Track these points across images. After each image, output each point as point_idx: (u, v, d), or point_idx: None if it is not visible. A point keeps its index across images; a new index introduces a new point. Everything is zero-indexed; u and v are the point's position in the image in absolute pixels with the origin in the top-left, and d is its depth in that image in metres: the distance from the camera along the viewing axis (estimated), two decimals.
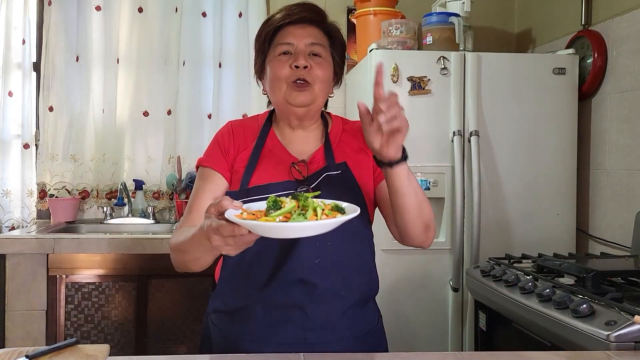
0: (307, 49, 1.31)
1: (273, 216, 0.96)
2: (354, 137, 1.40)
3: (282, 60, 1.31)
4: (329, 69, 1.35)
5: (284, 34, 1.33)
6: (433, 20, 2.54)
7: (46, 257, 2.34)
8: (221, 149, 1.35)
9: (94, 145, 2.94)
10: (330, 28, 1.38)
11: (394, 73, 2.35)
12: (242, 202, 1.01)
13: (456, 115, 2.37)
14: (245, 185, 1.28)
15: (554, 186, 2.44)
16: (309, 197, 1.01)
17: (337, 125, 1.42)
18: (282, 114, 1.36)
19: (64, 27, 2.90)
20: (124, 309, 2.43)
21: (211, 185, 1.32)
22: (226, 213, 0.97)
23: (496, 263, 1.89)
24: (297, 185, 1.28)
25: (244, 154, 1.34)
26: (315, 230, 0.96)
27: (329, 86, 1.37)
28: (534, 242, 2.39)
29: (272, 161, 1.32)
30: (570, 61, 2.44)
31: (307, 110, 1.32)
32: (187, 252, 1.17)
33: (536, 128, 2.42)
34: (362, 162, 1.36)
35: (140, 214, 2.91)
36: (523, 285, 1.56)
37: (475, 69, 2.38)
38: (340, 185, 1.29)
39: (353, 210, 1.01)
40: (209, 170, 1.34)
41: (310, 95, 1.30)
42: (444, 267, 2.38)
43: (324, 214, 0.98)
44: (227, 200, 0.98)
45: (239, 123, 1.42)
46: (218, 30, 3.01)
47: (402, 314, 2.35)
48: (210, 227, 0.98)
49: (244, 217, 0.97)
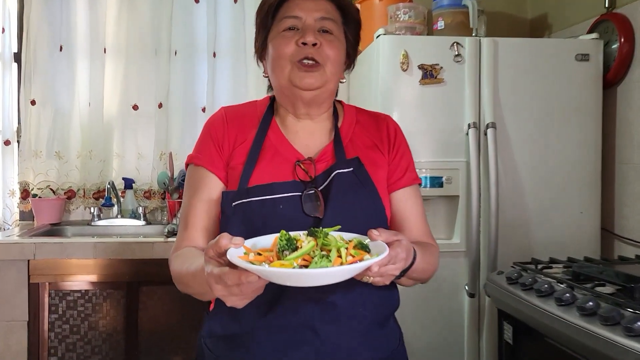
0: (317, 24, 1.13)
1: (290, 259, 0.82)
2: (368, 132, 1.22)
3: (287, 37, 1.12)
4: (342, 48, 1.16)
5: (290, 6, 1.14)
6: (445, 4, 2.36)
7: (27, 263, 2.16)
8: (214, 143, 1.16)
9: (80, 141, 2.76)
10: (343, 2, 1.18)
11: (404, 61, 2.16)
12: (242, 239, 0.85)
13: (471, 106, 2.19)
14: (245, 185, 1.10)
15: (577, 182, 2.25)
16: (328, 233, 0.88)
17: (350, 117, 1.23)
18: (286, 100, 1.17)
19: (47, 14, 2.72)
20: (112, 318, 2.24)
21: (205, 190, 1.14)
22: (228, 254, 0.81)
23: (522, 269, 1.71)
24: (304, 187, 1.09)
25: (242, 147, 1.15)
26: (343, 277, 0.83)
27: (341, 69, 1.18)
28: (556, 243, 2.21)
29: (274, 158, 1.14)
30: (594, 46, 2.25)
31: (315, 95, 1.13)
32: (190, 287, 1.03)
33: (557, 120, 2.23)
34: (377, 161, 1.18)
35: (131, 214, 2.72)
36: (559, 296, 1.38)
37: (491, 56, 2.20)
38: (354, 185, 1.11)
39: (380, 248, 0.87)
40: (201, 170, 1.15)
41: (320, 77, 1.11)
42: (458, 271, 2.20)
43: (348, 254, 0.85)
44: (225, 239, 0.83)
45: (234, 110, 1.22)
46: (212, 17, 2.83)
47: (413, 322, 2.17)
48: (211, 276, 0.83)
49: (250, 260, 0.82)
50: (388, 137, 1.22)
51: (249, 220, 1.06)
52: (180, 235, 1.14)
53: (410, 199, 1.20)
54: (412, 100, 2.17)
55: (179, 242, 1.14)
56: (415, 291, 2.15)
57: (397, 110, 2.16)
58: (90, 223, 2.67)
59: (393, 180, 1.19)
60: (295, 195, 1.08)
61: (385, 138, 1.22)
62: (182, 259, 1.06)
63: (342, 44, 1.16)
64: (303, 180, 1.10)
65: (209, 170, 1.14)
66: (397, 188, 1.19)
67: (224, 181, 1.14)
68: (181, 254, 1.09)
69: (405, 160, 1.22)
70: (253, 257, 0.84)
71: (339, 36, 1.16)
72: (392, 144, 1.21)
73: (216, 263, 0.84)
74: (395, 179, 1.19)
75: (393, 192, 1.19)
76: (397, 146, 1.22)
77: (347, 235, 0.92)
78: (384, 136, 1.22)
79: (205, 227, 1.13)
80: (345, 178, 1.11)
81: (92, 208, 2.69)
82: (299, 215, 1.06)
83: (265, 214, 1.06)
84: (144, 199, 2.80)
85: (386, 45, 2.18)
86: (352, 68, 1.26)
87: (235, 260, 0.81)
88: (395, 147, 1.21)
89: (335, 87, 1.19)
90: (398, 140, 1.23)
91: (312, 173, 1.12)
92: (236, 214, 1.07)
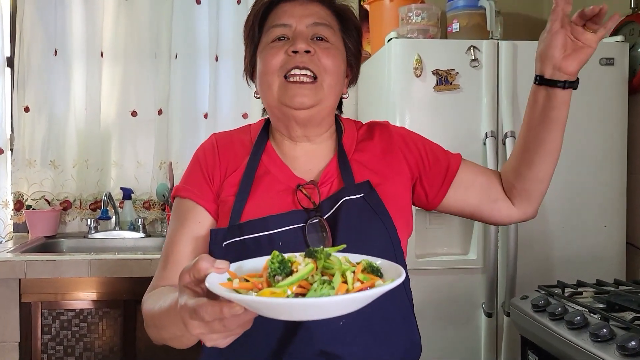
0: (310, 30, 0.99)
1: (282, 286, 0.65)
2: (376, 138, 1.07)
3: (275, 47, 0.98)
4: (340, 57, 1.02)
5: (277, 13, 1.01)
6: (460, 5, 2.22)
7: (18, 281, 2.04)
8: (204, 174, 1.02)
9: (76, 149, 2.64)
10: (340, 7, 1.04)
11: (417, 66, 2.03)
12: (228, 263, 0.69)
13: (489, 113, 2.05)
14: (237, 220, 0.95)
15: (601, 194, 2.12)
16: (331, 253, 0.70)
17: (351, 130, 1.09)
18: (279, 122, 1.03)
19: (41, 17, 2.59)
20: (108, 338, 2.12)
21: (192, 225, 1.00)
22: (207, 280, 0.65)
23: (548, 293, 1.58)
24: (307, 217, 0.95)
25: (234, 177, 1.01)
26: (349, 308, 0.66)
27: (340, 81, 1.03)
28: (579, 259, 2.09)
29: (270, 185, 0.99)
30: (619, 50, 2.12)
31: (311, 115, 0.99)
32: (164, 329, 0.84)
33: (580, 128, 2.10)
34: (394, 166, 1.04)
35: (129, 226, 2.60)
36: (595, 331, 1.24)
37: (510, 60, 2.06)
38: (365, 213, 0.97)
39: (394, 272, 0.70)
40: (188, 203, 1.01)
41: (314, 94, 0.96)
42: (475, 289, 2.07)
43: (356, 280, 0.67)
44: (205, 261, 0.67)
45: (225, 136, 1.09)
46: (214, 18, 2.71)
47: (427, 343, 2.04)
48: (185, 310, 0.67)
49: (234, 287, 0.66)
50: (402, 137, 1.10)
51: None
52: (158, 275, 1.00)
53: (470, 172, 1.12)
54: (426, 108, 2.04)
55: (155, 282, 1.00)
56: (429, 310, 2.04)
57: (409, 119, 2.03)
58: (87, 235, 2.55)
59: (441, 174, 1.08)
60: (296, 228, 0.94)
61: (398, 140, 1.09)
62: (156, 297, 0.91)
63: (340, 53, 1.02)
64: (306, 207, 0.96)
65: (197, 203, 1.00)
66: (452, 177, 1.09)
67: (214, 216, 1.01)
68: (155, 292, 0.95)
69: (433, 149, 1.12)
70: (238, 284, 0.67)
71: (337, 44, 1.02)
72: (407, 143, 1.09)
73: (192, 293, 0.68)
74: (442, 171, 1.09)
75: (453, 182, 1.10)
76: (415, 142, 1.11)
77: (354, 257, 0.75)
78: (394, 139, 1.08)
79: None
80: (355, 205, 0.96)
81: (89, 220, 2.57)
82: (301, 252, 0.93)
83: (261, 254, 0.92)
84: (144, 209, 2.68)
85: (398, 49, 2.05)
86: (355, 81, 1.12)
87: (216, 288, 0.64)
88: (415, 145, 1.10)
89: (335, 103, 1.04)
90: (412, 138, 1.11)
91: (316, 199, 0.97)
92: (227, 256, 0.94)
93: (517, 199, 1.10)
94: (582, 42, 0.93)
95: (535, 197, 1.09)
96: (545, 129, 1.01)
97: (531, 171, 1.05)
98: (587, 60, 0.95)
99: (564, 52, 0.94)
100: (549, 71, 0.97)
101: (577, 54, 0.94)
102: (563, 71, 0.95)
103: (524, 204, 1.10)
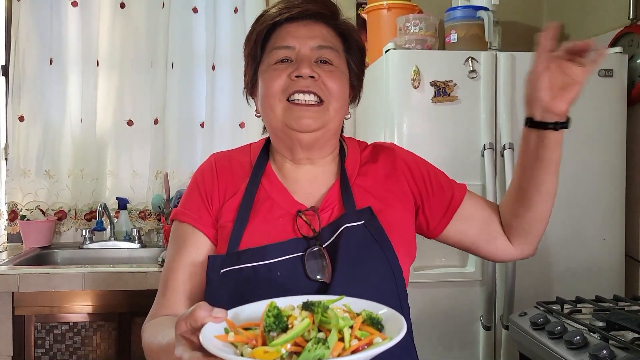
0: (314, 54, 0.97)
1: (276, 344, 0.63)
2: (380, 162, 1.05)
3: (278, 70, 0.96)
4: (344, 80, 1.01)
5: (281, 34, 0.99)
6: (458, 16, 2.21)
7: (11, 295, 2.02)
8: (202, 197, 1.00)
9: (72, 159, 2.61)
10: (344, 26, 1.02)
11: (415, 77, 2.01)
12: (225, 311, 0.68)
13: (487, 125, 2.04)
14: (235, 247, 0.93)
15: (600, 206, 2.11)
16: (328, 305, 0.68)
17: (354, 152, 1.07)
18: (282, 144, 1.01)
19: (36, 25, 2.58)
20: (103, 352, 2.10)
21: (191, 250, 0.98)
22: (202, 334, 0.64)
23: (547, 310, 1.57)
24: (307, 245, 0.93)
25: (233, 201, 0.99)
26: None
27: (345, 104, 1.02)
28: (577, 271, 2.07)
29: (270, 211, 0.97)
30: (618, 61, 2.10)
31: (315, 138, 0.97)
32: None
33: (578, 139, 2.08)
34: (397, 192, 1.02)
35: (125, 236, 2.57)
36: (595, 353, 1.23)
37: (508, 72, 2.05)
38: (365, 241, 0.95)
39: (396, 324, 0.69)
40: (187, 227, 1.00)
41: (319, 117, 0.95)
42: (473, 302, 2.05)
43: (353, 337, 0.66)
44: (202, 310, 0.66)
45: (224, 157, 1.07)
46: (211, 27, 2.69)
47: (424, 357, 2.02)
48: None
49: (229, 340, 0.65)
50: (406, 163, 1.07)
51: (240, 292, 0.90)
52: (158, 303, 0.99)
53: (473, 205, 1.09)
54: (424, 119, 2.03)
55: (155, 309, 0.98)
56: (427, 324, 2.02)
57: (408, 130, 2.02)
58: (82, 246, 2.52)
59: (444, 204, 1.06)
60: (295, 257, 0.92)
61: (402, 165, 1.06)
62: (155, 329, 0.90)
63: (344, 76, 1.01)
64: (305, 235, 0.94)
65: (196, 228, 0.99)
66: (455, 208, 1.07)
67: (213, 240, 0.99)
68: (155, 323, 0.94)
69: (438, 177, 1.09)
70: (233, 337, 0.66)
71: (341, 66, 1.00)
72: (411, 169, 1.07)
73: (188, 344, 0.67)
74: (451, 194, 1.07)
75: (460, 206, 1.07)
76: (420, 168, 1.08)
77: (357, 303, 0.73)
78: (399, 164, 1.06)
79: (188, 294, 0.97)
80: (355, 233, 0.94)
81: (84, 230, 2.54)
82: (300, 283, 0.90)
83: (259, 284, 0.90)
84: (139, 219, 2.66)
85: (396, 60, 2.04)
86: (358, 101, 1.11)
87: (210, 346, 0.63)
88: (419, 171, 1.07)
89: (339, 126, 1.03)
90: (417, 164, 1.09)
91: (316, 226, 0.95)
92: (224, 284, 0.91)
93: (515, 237, 1.09)
94: (570, 77, 0.91)
95: (533, 237, 1.07)
96: (539, 170, 0.99)
97: (528, 212, 1.04)
98: (576, 99, 0.93)
99: (552, 93, 0.91)
100: (539, 113, 0.94)
101: (565, 93, 0.91)
102: (553, 112, 0.93)
103: (521, 243, 1.09)
